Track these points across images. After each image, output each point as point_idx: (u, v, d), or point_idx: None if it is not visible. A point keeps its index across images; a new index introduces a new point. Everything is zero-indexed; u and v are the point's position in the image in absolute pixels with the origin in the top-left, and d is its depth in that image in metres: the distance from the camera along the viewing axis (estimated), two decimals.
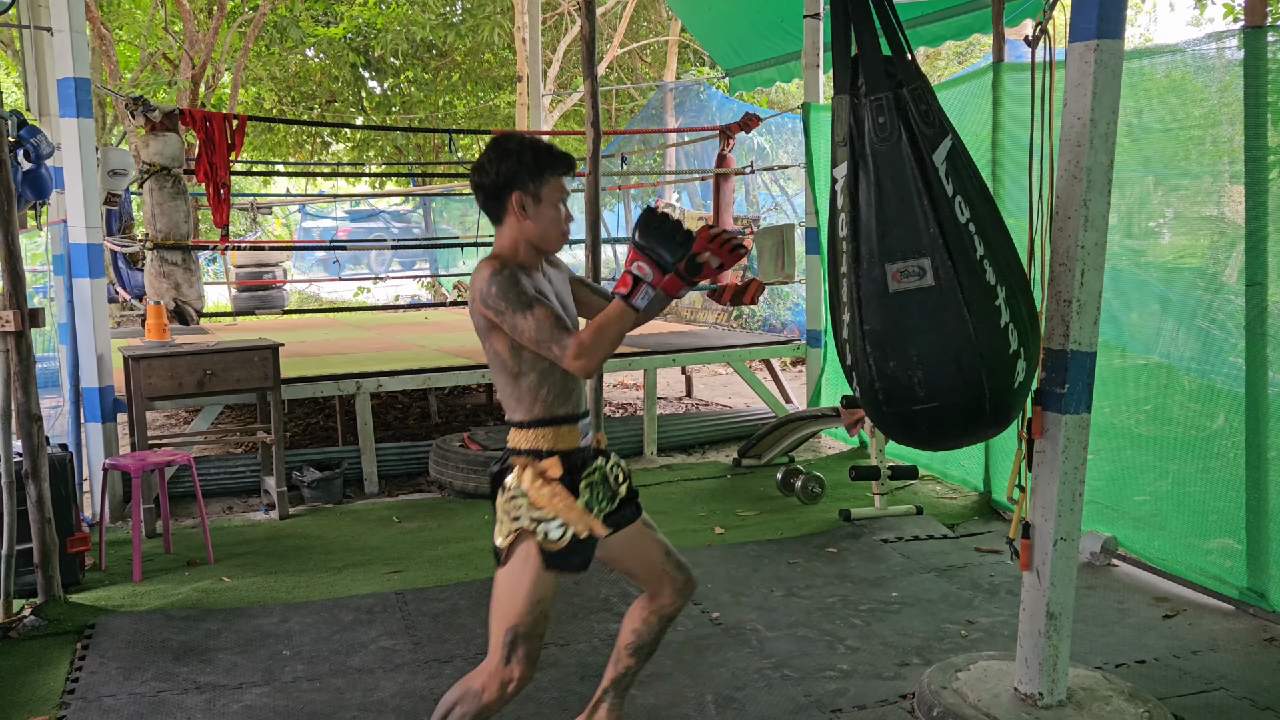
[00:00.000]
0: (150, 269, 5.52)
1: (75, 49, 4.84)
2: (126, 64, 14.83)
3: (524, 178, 2.38)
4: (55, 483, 4.04)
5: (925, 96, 2.72)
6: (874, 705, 3.18)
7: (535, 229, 2.41)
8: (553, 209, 2.41)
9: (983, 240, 2.72)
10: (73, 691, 3.29)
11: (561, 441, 2.44)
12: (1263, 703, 3.15)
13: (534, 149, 2.40)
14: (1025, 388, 2.84)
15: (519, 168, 2.37)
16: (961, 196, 2.71)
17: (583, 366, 2.31)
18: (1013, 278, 2.78)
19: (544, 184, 2.40)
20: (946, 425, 2.86)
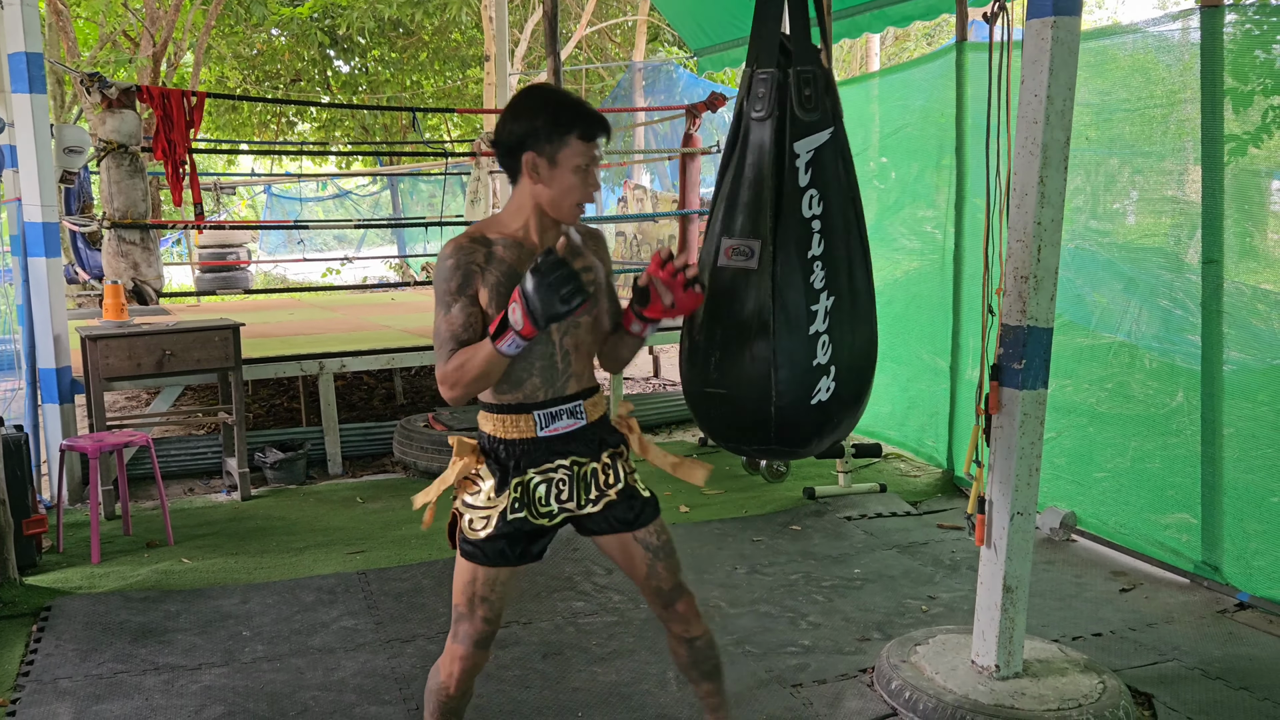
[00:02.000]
0: (108, 248, 5.43)
1: (26, 22, 4.74)
2: (85, 41, 14.56)
3: (539, 137, 2.17)
4: (10, 464, 3.98)
5: (814, 82, 2.64)
6: (834, 679, 3.20)
7: (548, 194, 2.21)
8: (569, 174, 2.19)
9: (824, 241, 2.59)
10: (27, 674, 3.25)
11: (509, 429, 2.27)
12: (1214, 672, 3.20)
13: (555, 106, 2.19)
14: (828, 410, 2.62)
15: (535, 126, 2.17)
16: (817, 191, 2.59)
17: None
18: (849, 292, 2.63)
19: (562, 146, 2.17)
20: (733, 418, 2.70)
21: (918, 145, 5.57)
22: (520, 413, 2.27)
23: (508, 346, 2.09)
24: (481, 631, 2.31)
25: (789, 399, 2.58)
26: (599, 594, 3.91)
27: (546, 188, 2.20)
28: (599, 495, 2.34)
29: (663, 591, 2.40)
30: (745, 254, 2.61)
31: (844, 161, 2.68)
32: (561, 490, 2.31)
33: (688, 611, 2.43)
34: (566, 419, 2.29)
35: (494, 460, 2.29)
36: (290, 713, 3.02)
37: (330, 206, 18.35)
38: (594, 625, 3.62)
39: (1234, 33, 3.74)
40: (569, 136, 2.17)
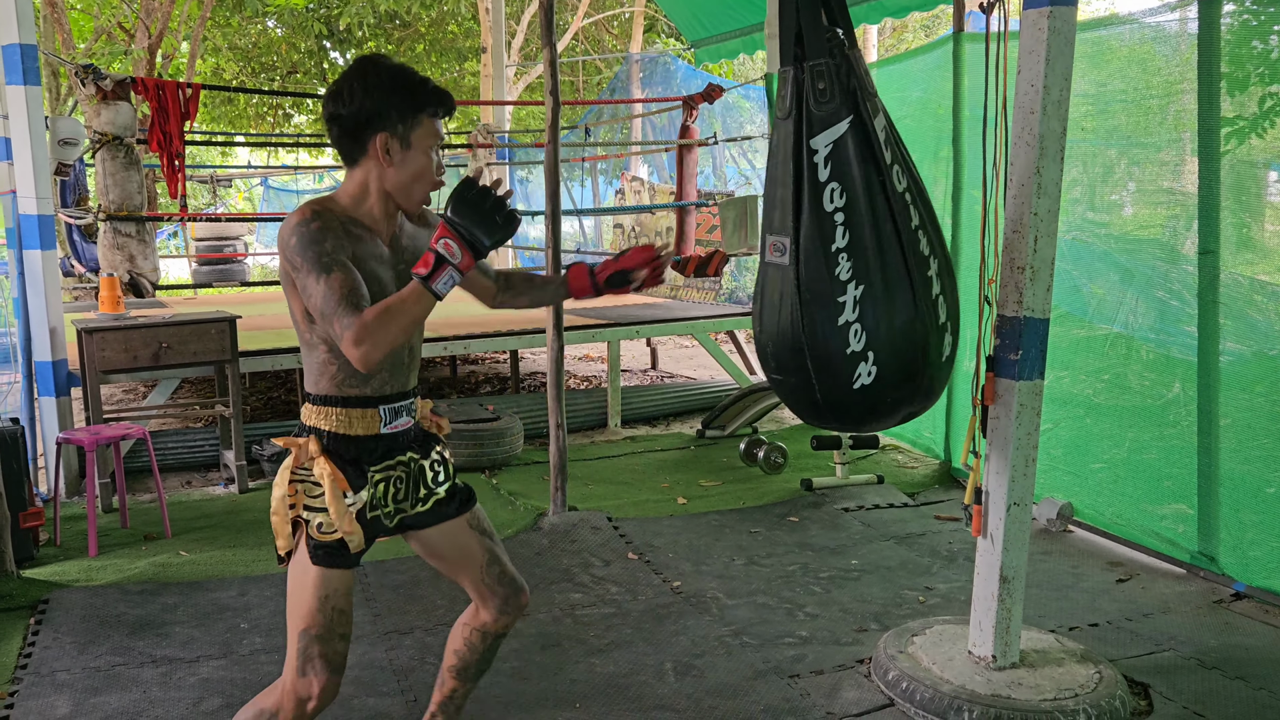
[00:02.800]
0: (104, 241, 5.42)
1: (20, 13, 4.72)
2: (80, 33, 14.51)
3: (393, 116, 2.00)
4: (6, 457, 3.98)
5: (826, 75, 2.69)
6: (831, 670, 3.21)
7: (397, 178, 2.05)
8: (423, 156, 2.05)
9: (848, 233, 2.67)
10: (25, 666, 3.25)
11: (352, 425, 2.12)
12: (1210, 662, 3.21)
13: (408, 81, 2.02)
14: (874, 394, 2.74)
15: (388, 103, 1.99)
16: (838, 184, 2.67)
17: (363, 355, 1.91)
18: (879, 278, 2.70)
19: (416, 125, 2.03)
20: (794, 401, 2.93)
21: (915, 137, 5.53)
22: (366, 406, 2.13)
23: (443, 284, 1.91)
24: (339, 652, 2.11)
25: (830, 385, 2.74)
26: (596, 586, 3.91)
27: (396, 171, 2.05)
28: (428, 494, 2.26)
29: (506, 576, 2.33)
30: (781, 249, 2.75)
31: (863, 152, 2.73)
32: (399, 490, 2.21)
33: (525, 605, 2.37)
34: (405, 416, 2.21)
35: (339, 457, 2.13)
36: None
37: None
38: (591, 617, 3.62)
39: (1231, 22, 3.74)
40: (422, 115, 2.04)
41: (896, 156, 2.77)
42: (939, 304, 2.78)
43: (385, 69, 2.04)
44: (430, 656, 3.32)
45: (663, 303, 8.32)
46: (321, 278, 1.96)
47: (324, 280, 1.96)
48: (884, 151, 2.77)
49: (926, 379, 2.84)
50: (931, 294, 2.77)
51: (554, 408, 4.57)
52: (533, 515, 4.66)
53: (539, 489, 5.06)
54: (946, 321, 2.81)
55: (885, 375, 2.73)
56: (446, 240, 1.92)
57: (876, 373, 2.71)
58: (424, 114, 2.04)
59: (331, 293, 1.95)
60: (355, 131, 2.03)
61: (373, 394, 2.14)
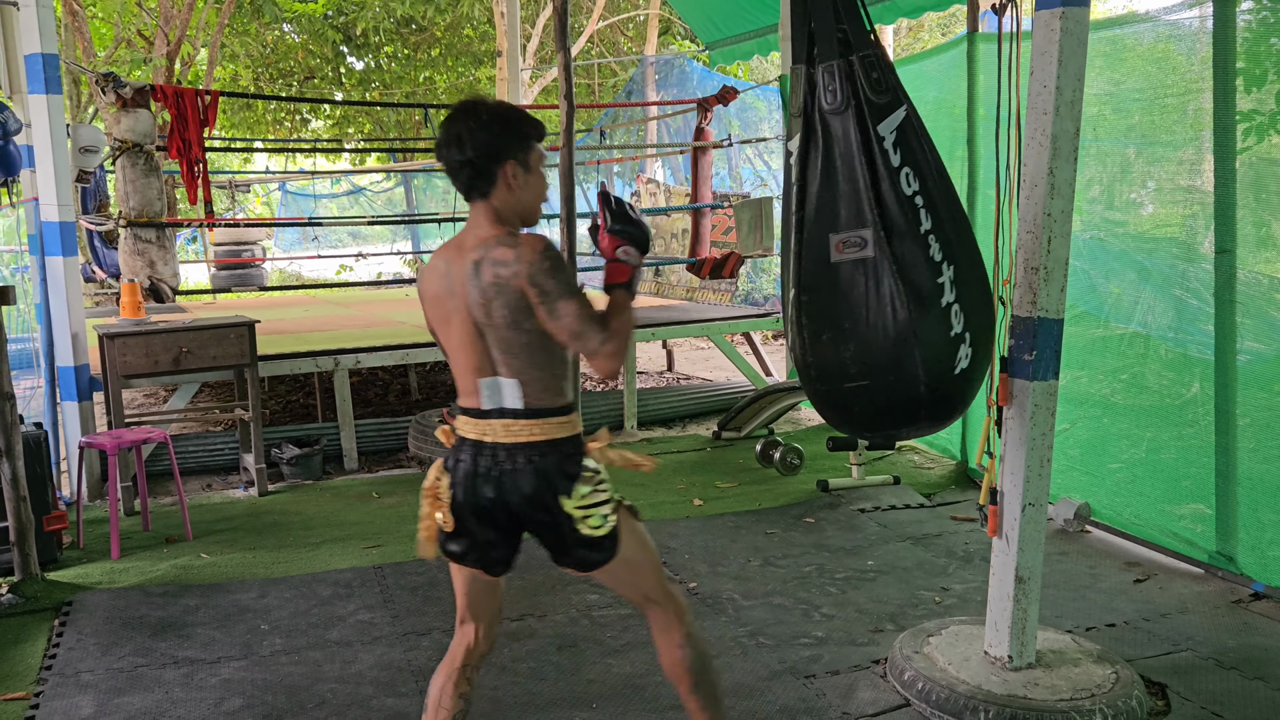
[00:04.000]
0: (124, 247, 5.48)
1: (42, 23, 4.79)
2: (101, 41, 14.65)
3: (513, 145, 2.21)
4: (31, 461, 4.03)
5: (878, 65, 2.71)
6: (847, 670, 3.21)
7: (527, 199, 2.25)
8: (540, 177, 2.28)
9: (930, 215, 2.68)
10: (50, 667, 3.30)
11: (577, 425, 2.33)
12: (1228, 662, 3.20)
13: (516, 116, 2.26)
14: (971, 377, 2.74)
15: (507, 135, 2.21)
16: (910, 169, 2.69)
17: (613, 367, 2.17)
18: (965, 257, 2.72)
19: (530, 150, 2.25)
20: (879, 407, 2.79)
21: (932, 136, 5.54)
22: None
23: (637, 284, 2.26)
24: None
25: (935, 374, 2.70)
26: None
27: (523, 194, 2.24)
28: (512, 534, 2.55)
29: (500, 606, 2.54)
30: (858, 244, 2.67)
31: (922, 136, 2.79)
32: None
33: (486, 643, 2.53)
34: None
35: None
36: (308, 705, 3.05)
37: (345, 203, 18.41)
38: (608, 618, 3.64)
39: (1249, 19, 3.72)
40: (531, 141, 2.26)
41: (906, 158, 2.76)
42: (950, 313, 2.72)
43: (487, 108, 2.25)
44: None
45: (679, 304, 8.34)
46: (573, 300, 2.16)
47: (575, 302, 2.16)
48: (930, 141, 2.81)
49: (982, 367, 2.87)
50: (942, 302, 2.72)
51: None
52: None
53: None
54: (964, 332, 2.73)
55: (977, 355, 2.75)
56: (625, 248, 2.27)
57: (971, 354, 2.72)
58: (532, 139, 2.26)
59: (582, 312, 2.16)
60: (489, 163, 2.21)
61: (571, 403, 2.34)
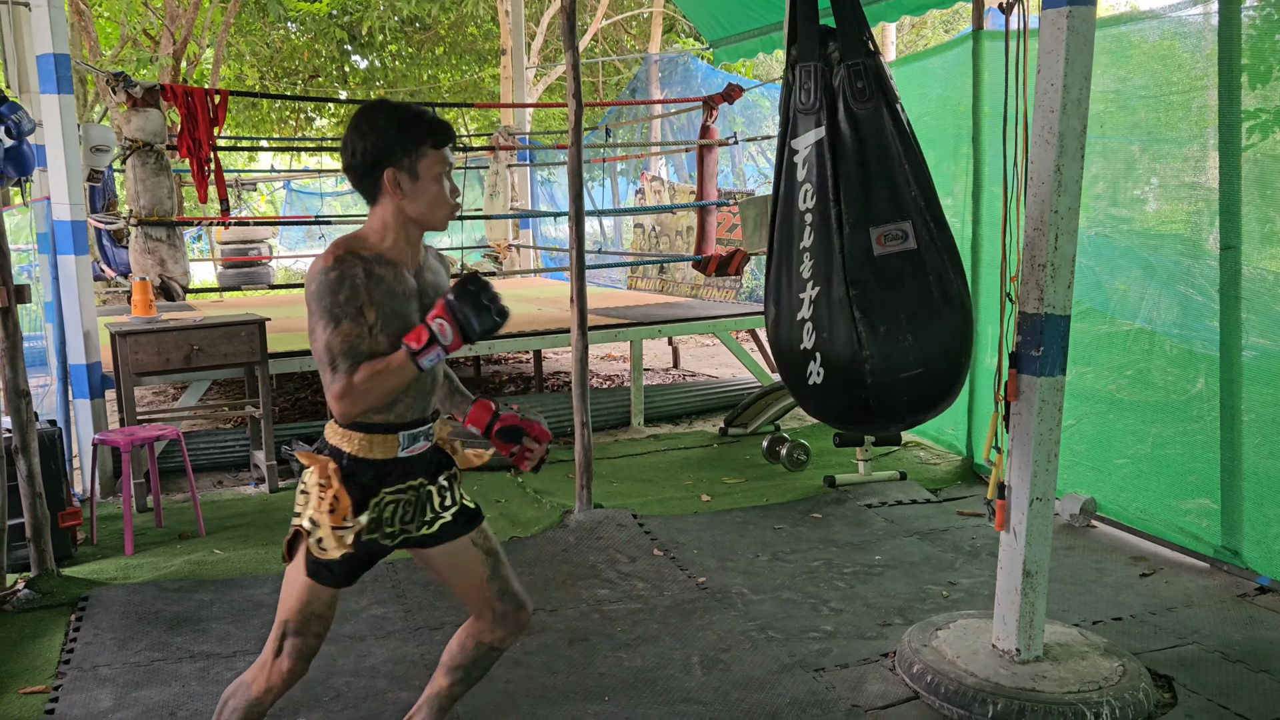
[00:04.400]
0: (135, 245, 5.52)
1: (54, 24, 4.82)
2: (107, 41, 14.71)
3: (396, 153, 2.14)
4: (45, 458, 4.07)
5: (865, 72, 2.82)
6: (856, 664, 3.25)
7: (414, 207, 2.18)
8: (434, 184, 2.18)
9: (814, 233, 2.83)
10: (68, 661, 3.34)
11: (373, 449, 2.23)
12: (1234, 655, 3.23)
13: (402, 119, 2.16)
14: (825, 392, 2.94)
15: (389, 142, 2.14)
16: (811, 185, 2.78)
17: (343, 410, 2.09)
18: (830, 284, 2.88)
19: (420, 158, 2.15)
20: (927, 393, 2.91)
21: (935, 134, 5.57)
22: (388, 433, 2.24)
23: (429, 361, 2.09)
24: (310, 647, 2.28)
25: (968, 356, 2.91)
26: (623, 582, 3.96)
27: (413, 202, 2.18)
28: (434, 517, 2.35)
29: (508, 593, 2.41)
30: (900, 236, 2.70)
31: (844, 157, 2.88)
32: (407, 512, 2.30)
33: (526, 622, 2.45)
34: (423, 440, 2.31)
35: (353, 480, 2.23)
36: (324, 698, 3.09)
37: (349, 201, 18.45)
38: (618, 612, 3.67)
39: (1254, 16, 3.74)
40: (424, 147, 2.16)
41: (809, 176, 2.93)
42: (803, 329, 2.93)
43: (382, 111, 2.18)
44: None
45: (684, 301, 8.37)
46: (329, 328, 2.10)
47: (333, 330, 2.09)
48: None
49: None
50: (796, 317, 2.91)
51: (579, 406, 4.62)
52: (559, 513, 4.72)
53: (564, 487, 5.12)
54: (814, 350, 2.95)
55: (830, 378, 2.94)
56: (441, 321, 2.08)
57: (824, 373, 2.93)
58: (425, 144, 2.16)
59: (333, 345, 2.09)
60: (369, 171, 2.16)
61: (395, 420, 2.25)
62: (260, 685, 2.29)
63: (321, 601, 2.26)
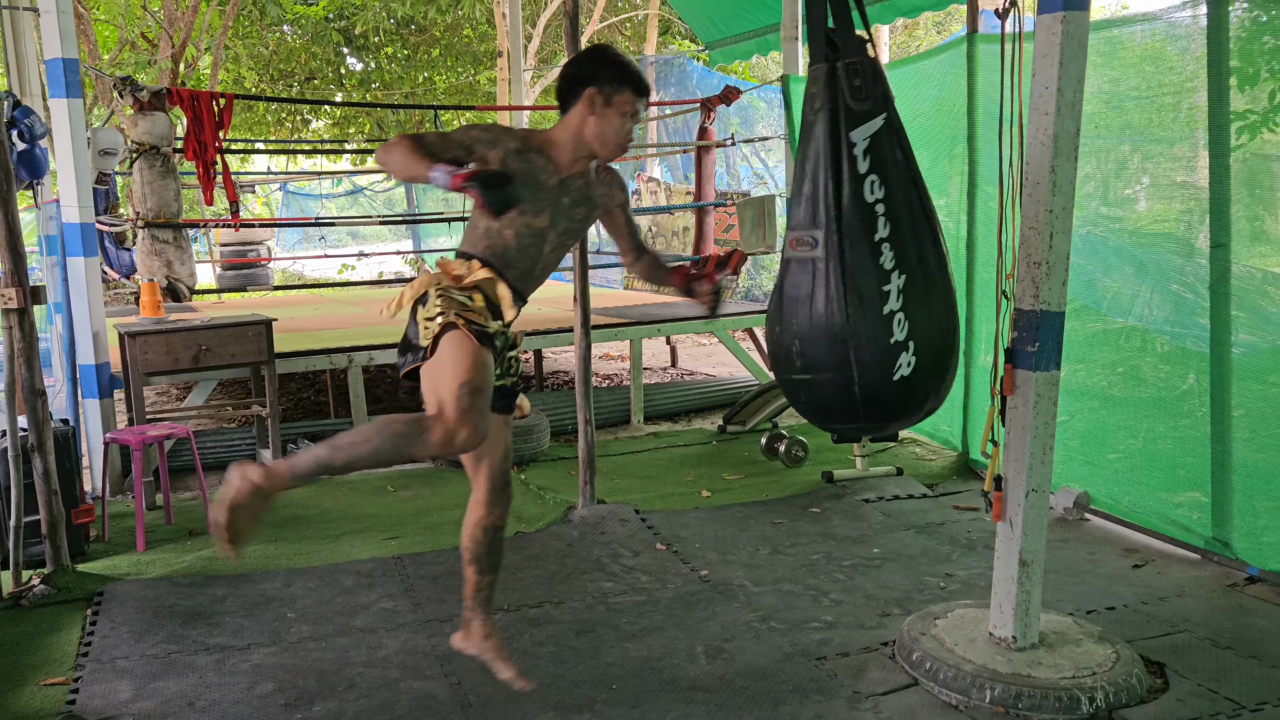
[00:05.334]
0: (142, 247, 5.59)
1: (63, 29, 4.89)
2: (105, 44, 14.74)
3: (603, 79, 2.59)
4: (59, 456, 4.13)
5: (863, 71, 2.80)
6: (857, 652, 3.33)
7: (597, 127, 2.61)
8: (617, 116, 2.61)
9: (890, 223, 2.75)
10: (86, 654, 3.41)
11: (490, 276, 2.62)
12: (1223, 642, 3.32)
13: (621, 62, 2.64)
14: (913, 385, 2.81)
15: (602, 70, 2.60)
16: (877, 176, 2.75)
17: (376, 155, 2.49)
18: (919, 269, 2.78)
19: (618, 91, 2.60)
20: (822, 402, 2.95)
21: (930, 135, 5.66)
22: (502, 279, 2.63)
23: (435, 173, 2.36)
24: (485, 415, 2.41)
25: (871, 377, 2.80)
26: (627, 575, 4.05)
27: (598, 120, 2.60)
28: (501, 373, 2.72)
29: (505, 473, 2.83)
30: (809, 243, 2.81)
31: (898, 145, 2.83)
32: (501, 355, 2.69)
33: (509, 499, 2.86)
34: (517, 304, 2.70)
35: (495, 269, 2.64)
36: (338, 688, 3.16)
37: (344, 203, 18.50)
38: (623, 604, 3.75)
39: (1243, 18, 3.83)
40: (625, 87, 2.61)
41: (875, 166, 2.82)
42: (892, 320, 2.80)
43: (607, 50, 2.69)
44: None
45: (681, 301, 8.44)
46: None
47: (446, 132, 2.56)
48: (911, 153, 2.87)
49: (950, 375, 2.95)
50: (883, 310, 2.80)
51: (582, 404, 4.70)
52: (562, 508, 4.80)
53: (567, 483, 5.20)
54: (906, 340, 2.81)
55: (922, 365, 2.86)
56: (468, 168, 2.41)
57: (914, 364, 2.83)
58: (627, 86, 2.62)
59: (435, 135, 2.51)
60: (577, 83, 2.62)
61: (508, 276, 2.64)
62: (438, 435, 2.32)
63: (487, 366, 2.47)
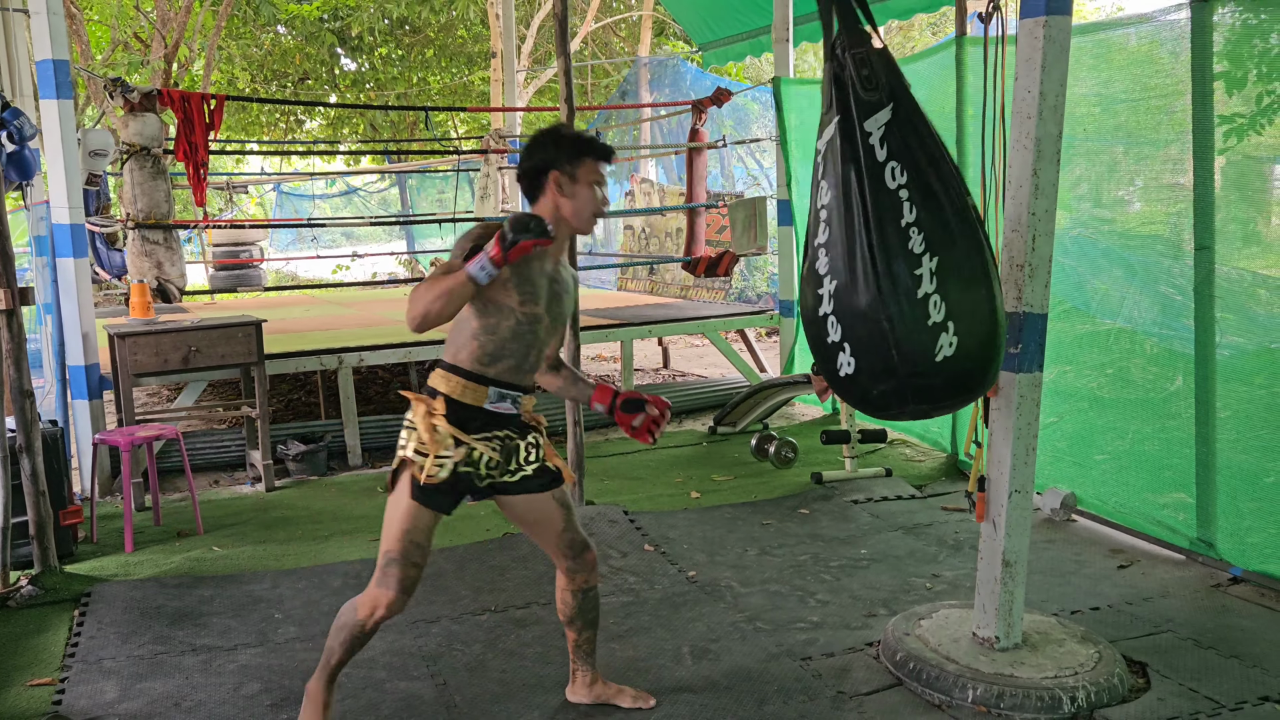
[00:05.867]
0: (132, 248, 5.59)
1: (53, 30, 4.89)
2: (98, 44, 14.73)
3: (563, 159, 2.63)
4: (47, 457, 4.13)
5: (870, 61, 2.78)
6: (841, 653, 3.34)
7: (570, 205, 2.64)
8: (587, 188, 2.65)
9: (915, 207, 2.72)
10: (73, 655, 3.41)
11: (464, 395, 2.62)
12: (1206, 642, 3.34)
13: (574, 136, 2.69)
14: (955, 361, 2.74)
15: (560, 151, 2.64)
16: (896, 163, 2.75)
17: (410, 313, 2.47)
18: (951, 249, 2.73)
19: (580, 164, 2.64)
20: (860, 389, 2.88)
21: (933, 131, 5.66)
22: (481, 384, 2.64)
23: (475, 267, 2.43)
24: (410, 577, 2.61)
25: (913, 360, 2.73)
26: (615, 576, 4.06)
27: (569, 200, 2.64)
28: (518, 469, 2.74)
29: (576, 542, 2.85)
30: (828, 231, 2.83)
31: (913, 129, 2.76)
32: (493, 458, 2.67)
33: (594, 561, 2.89)
34: (510, 403, 2.70)
35: (450, 416, 2.61)
36: None
37: (338, 204, 18.51)
38: (611, 605, 3.76)
39: (1233, 21, 3.85)
40: (585, 158, 2.65)
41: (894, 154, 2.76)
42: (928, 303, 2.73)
43: (558, 131, 2.72)
44: (456, 643, 3.47)
45: (674, 302, 8.46)
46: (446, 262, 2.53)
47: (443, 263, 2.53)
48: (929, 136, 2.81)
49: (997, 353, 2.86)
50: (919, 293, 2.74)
51: (571, 405, 4.71)
52: None
53: None
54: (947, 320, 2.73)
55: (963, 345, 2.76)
56: (489, 242, 2.45)
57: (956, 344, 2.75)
58: (587, 157, 2.66)
59: (437, 271, 2.50)
60: (539, 172, 2.65)
61: (493, 376, 2.65)
62: (364, 611, 2.62)
63: (420, 530, 2.60)
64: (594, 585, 2.90)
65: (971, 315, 2.76)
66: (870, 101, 2.77)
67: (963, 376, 2.82)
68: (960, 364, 2.77)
